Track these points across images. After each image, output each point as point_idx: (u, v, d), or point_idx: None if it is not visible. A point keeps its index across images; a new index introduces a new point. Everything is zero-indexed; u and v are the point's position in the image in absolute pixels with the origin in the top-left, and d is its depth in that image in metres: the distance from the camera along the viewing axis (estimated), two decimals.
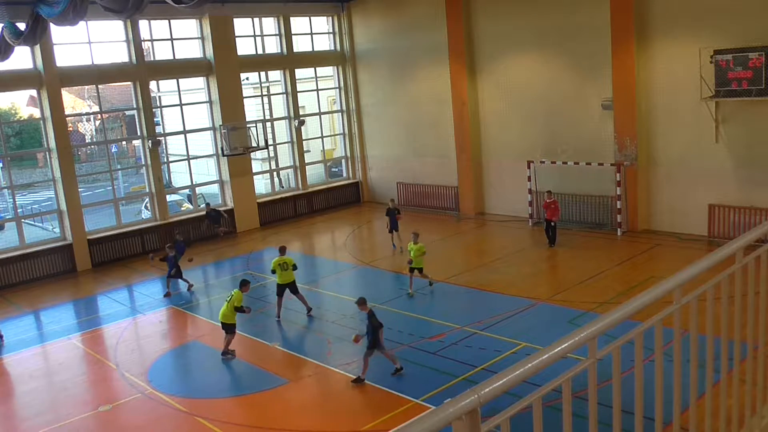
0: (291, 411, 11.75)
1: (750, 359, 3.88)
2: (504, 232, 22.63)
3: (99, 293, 19.59)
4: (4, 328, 16.56)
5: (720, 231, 18.74)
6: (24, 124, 40.66)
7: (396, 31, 26.83)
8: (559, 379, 2.59)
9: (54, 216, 23.54)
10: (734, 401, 3.86)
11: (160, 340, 15.71)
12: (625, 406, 2.97)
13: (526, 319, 14.57)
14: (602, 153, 20.80)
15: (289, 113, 27.68)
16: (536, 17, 22.13)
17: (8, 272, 20.65)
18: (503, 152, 24.04)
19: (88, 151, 40.38)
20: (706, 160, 18.89)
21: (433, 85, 25.69)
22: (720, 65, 17.47)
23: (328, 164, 30.33)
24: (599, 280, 16.78)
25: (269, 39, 27.28)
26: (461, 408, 2.16)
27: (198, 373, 13.96)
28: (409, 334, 14.26)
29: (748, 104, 17.63)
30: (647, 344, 3.06)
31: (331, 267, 20.76)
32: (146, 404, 12.30)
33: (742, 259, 3.59)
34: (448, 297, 16.71)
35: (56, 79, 21.43)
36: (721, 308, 3.62)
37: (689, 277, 3.18)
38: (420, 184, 27.11)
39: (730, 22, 17.68)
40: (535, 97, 22.64)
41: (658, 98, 19.62)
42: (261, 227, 26.09)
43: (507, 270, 18.21)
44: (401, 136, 27.63)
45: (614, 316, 2.78)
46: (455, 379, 11.85)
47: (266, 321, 16.19)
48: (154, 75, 24.42)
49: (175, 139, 27.85)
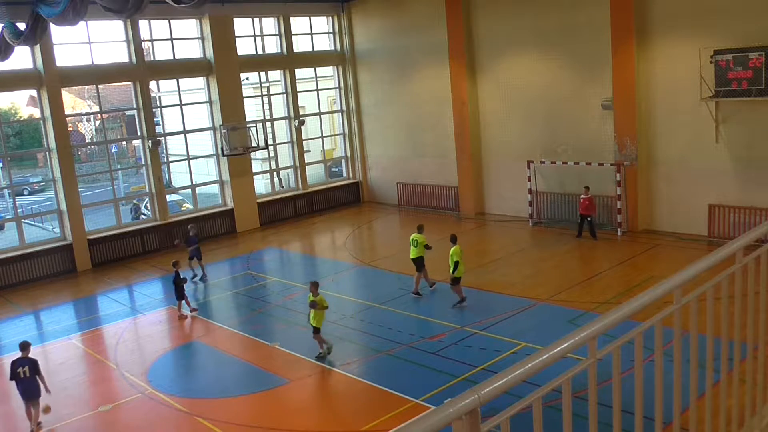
0: (291, 411, 11.75)
1: (750, 359, 3.88)
2: (504, 232, 22.63)
3: (99, 293, 19.59)
4: (4, 328, 16.56)
5: (720, 231, 18.74)
6: (24, 124, 40.66)
7: (396, 31, 26.84)
8: (559, 379, 2.59)
9: (54, 216, 23.54)
10: (734, 401, 3.86)
11: (160, 340, 15.71)
12: (625, 406, 2.97)
13: (526, 319, 14.57)
14: (602, 153, 20.80)
15: (289, 113, 27.68)
16: (536, 17, 22.13)
17: (8, 272, 20.64)
18: (503, 152, 24.04)
19: (88, 151, 40.39)
20: (706, 160, 18.89)
21: (433, 85, 25.69)
22: (720, 65, 17.47)
23: (328, 164, 30.34)
24: (599, 280, 16.78)
25: (269, 39, 27.29)
26: (461, 408, 2.16)
27: (198, 373, 13.97)
28: (410, 334, 14.26)
29: (748, 104, 17.63)
30: (647, 344, 3.06)
31: (331, 267, 20.75)
32: (146, 404, 12.31)
33: (742, 259, 3.59)
34: (448, 297, 16.70)
35: (56, 79, 21.43)
36: (721, 308, 3.62)
37: (689, 277, 3.18)
38: (420, 184, 27.11)
39: (730, 22, 17.68)
40: (535, 97, 22.65)
41: (658, 98, 19.62)
42: (261, 227, 26.10)
43: (507, 270, 18.21)
44: (401, 136, 27.63)
45: (614, 316, 2.78)
46: (455, 379, 11.85)
47: (266, 321, 16.20)
48: (154, 75, 24.42)
49: (175, 139, 27.87)
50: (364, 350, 13.90)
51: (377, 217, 26.81)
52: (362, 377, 12.59)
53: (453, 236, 15.80)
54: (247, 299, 17.78)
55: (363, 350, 13.94)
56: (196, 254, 19.58)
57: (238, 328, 15.59)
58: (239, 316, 16.60)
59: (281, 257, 22.84)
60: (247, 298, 17.85)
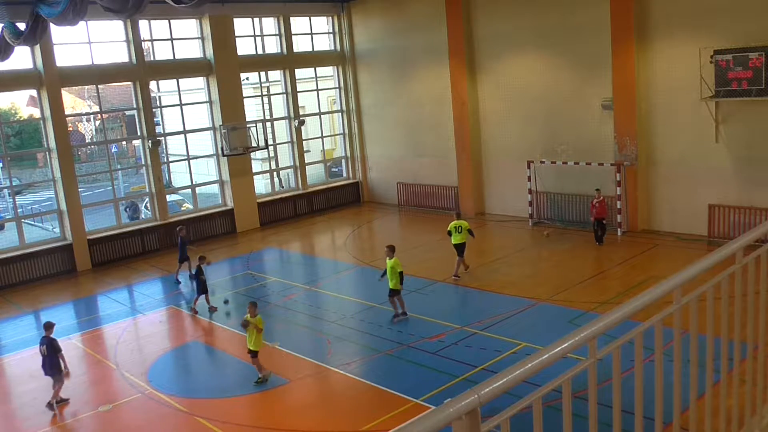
0: (291, 411, 11.76)
1: (750, 359, 3.88)
2: (504, 232, 22.63)
3: (99, 293, 19.59)
4: (4, 328, 16.56)
5: (720, 231, 18.74)
6: (24, 124, 40.67)
7: (396, 31, 26.84)
8: (559, 379, 2.59)
9: (54, 216, 23.54)
10: (734, 401, 3.86)
11: (160, 340, 15.71)
12: (625, 406, 2.97)
13: (526, 319, 14.57)
14: (602, 153, 20.80)
15: (289, 113, 27.68)
16: (536, 17, 22.13)
17: (8, 272, 20.64)
18: (503, 152, 24.04)
19: (88, 151, 40.39)
20: (706, 160, 18.89)
21: (433, 85, 25.69)
22: (720, 65, 17.47)
23: (328, 164, 30.34)
24: (599, 280, 16.78)
25: (269, 39, 27.29)
26: (461, 408, 2.16)
27: (198, 373, 13.98)
28: (410, 334, 14.26)
29: (748, 104, 17.63)
30: (647, 344, 3.05)
31: (331, 267, 20.76)
32: (146, 404, 12.31)
33: (742, 259, 3.59)
34: (448, 297, 16.71)
35: (56, 79, 21.43)
36: (721, 308, 3.62)
37: (689, 277, 3.18)
38: (420, 184, 27.11)
39: (730, 22, 17.68)
40: (535, 97, 22.65)
41: (658, 98, 19.62)
42: (261, 227, 26.10)
43: (507, 270, 18.21)
44: (401, 136, 27.64)
45: (614, 316, 2.78)
46: (455, 379, 11.85)
47: (266, 321, 16.14)
48: (154, 75, 24.42)
49: (175, 139, 27.87)
50: (364, 350, 13.91)
51: (377, 217, 26.81)
52: (362, 377, 12.58)
53: (390, 246, 15.30)
54: (247, 299, 17.74)
55: (363, 350, 13.94)
56: (185, 256, 19.39)
57: (238, 328, 15.56)
58: (239, 317, 16.56)
59: (281, 257, 22.84)
60: (247, 298, 17.81)
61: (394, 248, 15.32)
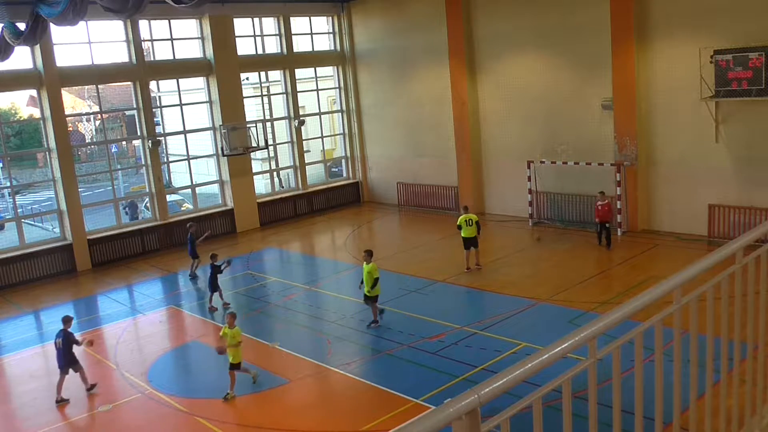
0: (291, 411, 11.75)
1: (750, 359, 3.88)
2: (504, 232, 22.63)
3: (99, 293, 19.59)
4: (4, 328, 16.56)
5: (720, 231, 18.73)
6: (24, 124, 40.66)
7: (396, 31, 26.84)
8: (559, 379, 2.59)
9: (54, 216, 23.54)
10: (734, 401, 3.86)
11: (160, 340, 15.71)
12: (625, 406, 2.97)
13: (526, 319, 14.57)
14: (602, 153, 20.80)
15: (289, 113, 27.68)
16: (536, 17, 22.13)
17: (8, 272, 20.64)
18: (503, 152, 24.04)
19: (88, 151, 40.38)
20: (706, 160, 18.89)
21: (433, 85, 25.69)
22: (720, 65, 17.47)
23: (328, 164, 30.34)
24: (599, 280, 16.79)
25: (269, 39, 27.29)
26: (461, 408, 2.16)
27: (198, 373, 13.97)
28: (410, 334, 14.25)
29: (748, 104, 17.63)
30: (647, 344, 3.05)
31: (331, 267, 20.75)
32: (146, 404, 12.31)
33: (742, 259, 3.59)
34: (448, 297, 16.71)
35: (56, 79, 21.43)
36: (721, 308, 3.62)
37: (689, 277, 3.18)
38: (420, 184, 27.11)
39: (730, 22, 17.68)
40: (535, 97, 22.65)
41: (658, 98, 19.62)
42: (261, 227, 26.10)
43: (507, 270, 18.21)
44: (401, 136, 27.63)
45: (614, 316, 2.78)
46: (455, 379, 11.85)
47: (266, 321, 16.20)
48: (154, 75, 24.42)
49: (175, 139, 27.86)
50: (364, 350, 13.92)
51: (377, 217, 26.81)
52: (362, 377, 12.59)
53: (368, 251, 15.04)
54: (247, 299, 17.78)
55: (363, 350, 13.95)
56: (195, 253, 19.71)
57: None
58: (239, 316, 16.51)
59: (281, 257, 22.84)
60: (247, 298, 17.85)
61: (372, 253, 14.98)
